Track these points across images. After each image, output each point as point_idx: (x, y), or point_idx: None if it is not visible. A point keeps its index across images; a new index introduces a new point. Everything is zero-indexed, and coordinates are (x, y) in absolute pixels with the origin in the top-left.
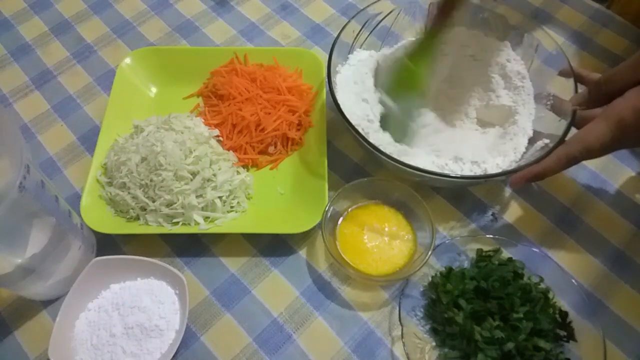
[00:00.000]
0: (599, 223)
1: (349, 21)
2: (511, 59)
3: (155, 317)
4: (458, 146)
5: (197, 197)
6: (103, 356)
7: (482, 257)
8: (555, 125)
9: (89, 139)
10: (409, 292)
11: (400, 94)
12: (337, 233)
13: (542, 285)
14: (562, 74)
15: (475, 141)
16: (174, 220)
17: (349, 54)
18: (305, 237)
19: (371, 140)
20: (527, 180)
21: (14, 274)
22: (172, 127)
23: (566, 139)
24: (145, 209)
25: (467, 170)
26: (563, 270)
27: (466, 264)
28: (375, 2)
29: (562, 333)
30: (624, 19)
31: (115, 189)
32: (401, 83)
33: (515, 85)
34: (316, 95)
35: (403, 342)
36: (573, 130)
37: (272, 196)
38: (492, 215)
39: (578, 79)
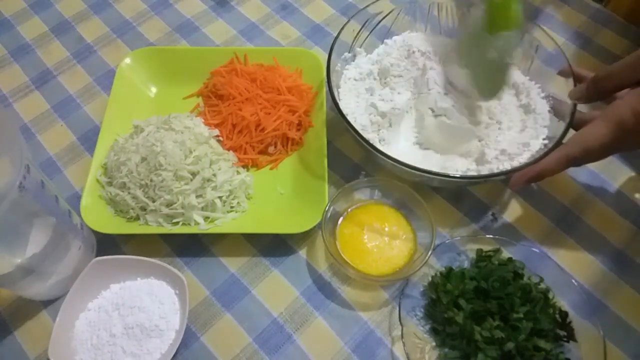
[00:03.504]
0: (599, 223)
1: (348, 21)
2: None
3: (155, 317)
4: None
5: (197, 197)
6: (103, 356)
7: (482, 257)
8: (554, 126)
9: (89, 139)
10: (409, 292)
11: (492, 34)
12: (337, 233)
13: (542, 285)
14: (561, 73)
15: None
16: (174, 220)
17: (348, 52)
18: (305, 237)
19: (371, 140)
20: (526, 180)
21: (14, 274)
22: (172, 127)
23: (565, 140)
24: (145, 209)
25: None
26: (563, 270)
27: (466, 264)
28: (375, 1)
29: (562, 333)
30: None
31: (115, 189)
32: (492, 22)
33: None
34: (316, 95)
35: (403, 342)
36: (572, 133)
37: (272, 196)
38: (492, 215)
39: (577, 78)
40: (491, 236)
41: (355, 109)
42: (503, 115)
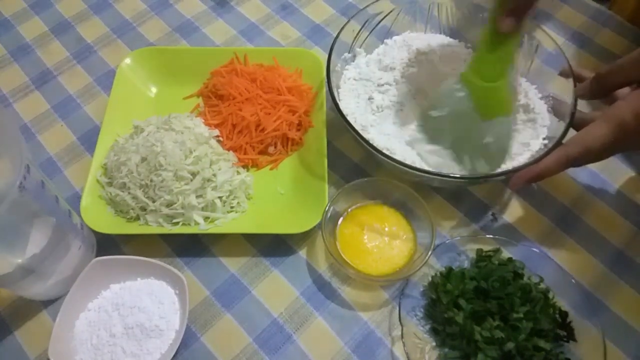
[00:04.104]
0: (599, 223)
1: (348, 21)
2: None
3: (155, 317)
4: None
5: (197, 197)
6: (103, 356)
7: (482, 257)
8: (554, 126)
9: (89, 139)
10: (409, 292)
11: (485, 118)
12: (337, 233)
13: (542, 285)
14: (562, 74)
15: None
16: (174, 221)
17: (348, 52)
18: (305, 237)
19: (371, 140)
20: (526, 180)
21: (14, 274)
22: (172, 128)
23: (565, 140)
24: (145, 209)
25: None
26: (563, 270)
27: (466, 264)
28: (375, 1)
29: (562, 333)
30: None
31: (115, 189)
32: (483, 106)
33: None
34: (316, 96)
35: (403, 342)
36: (572, 133)
37: (272, 196)
38: (492, 215)
39: (578, 79)
40: (491, 236)
41: (355, 109)
42: None
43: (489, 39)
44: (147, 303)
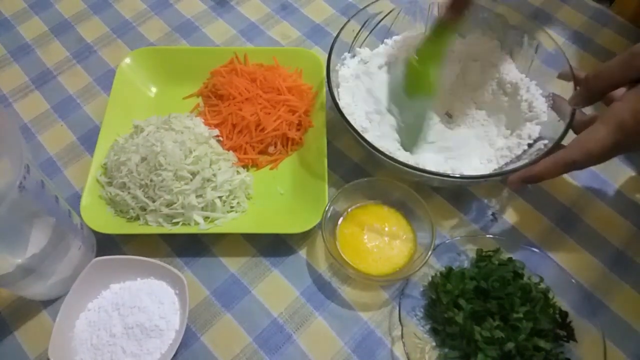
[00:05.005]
0: (599, 223)
1: (348, 20)
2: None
3: (155, 317)
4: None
5: (197, 197)
6: (103, 356)
7: (482, 257)
8: (555, 126)
9: (89, 139)
10: (409, 292)
11: (410, 97)
12: (337, 233)
13: (542, 285)
14: (561, 77)
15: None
16: (174, 220)
17: (348, 52)
18: (305, 237)
19: (371, 140)
20: (524, 181)
21: (14, 274)
22: (172, 127)
23: (565, 140)
24: (145, 209)
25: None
26: (563, 270)
27: (466, 264)
28: (375, 1)
29: (562, 333)
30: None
31: (115, 189)
32: (410, 85)
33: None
34: (316, 95)
35: (403, 342)
36: (573, 135)
37: (272, 196)
38: (492, 215)
39: (578, 82)
40: (491, 236)
41: (355, 108)
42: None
43: (434, 24)
44: (147, 303)
